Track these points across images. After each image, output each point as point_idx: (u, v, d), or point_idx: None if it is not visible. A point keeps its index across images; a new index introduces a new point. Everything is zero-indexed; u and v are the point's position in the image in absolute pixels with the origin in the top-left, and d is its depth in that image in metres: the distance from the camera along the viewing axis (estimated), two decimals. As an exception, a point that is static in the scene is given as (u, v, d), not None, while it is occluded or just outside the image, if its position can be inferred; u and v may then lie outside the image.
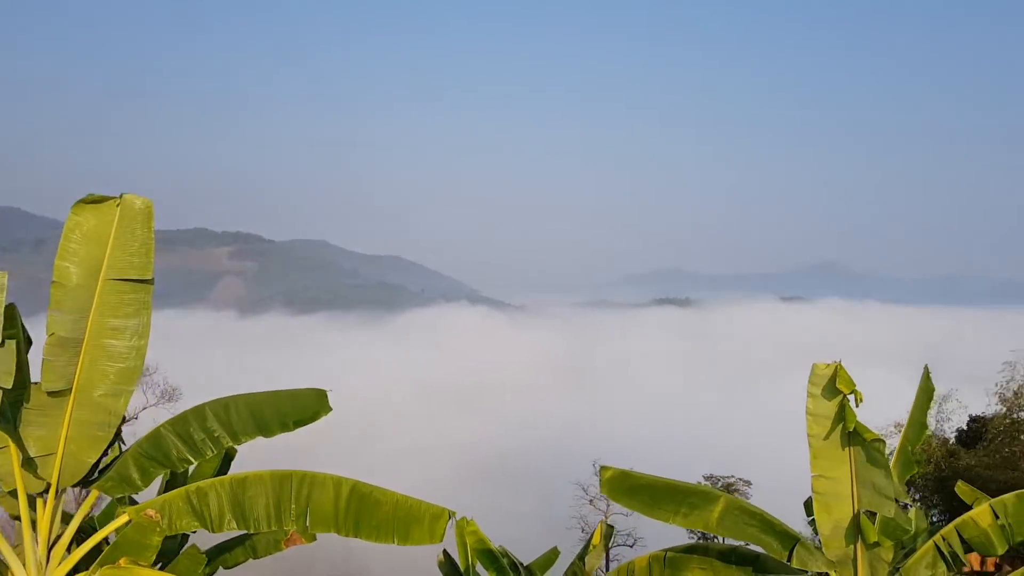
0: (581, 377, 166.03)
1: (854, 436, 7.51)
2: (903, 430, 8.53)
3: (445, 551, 13.28)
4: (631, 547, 33.02)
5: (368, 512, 6.40)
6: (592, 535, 11.71)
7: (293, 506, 6.36)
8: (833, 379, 7.44)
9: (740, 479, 35.42)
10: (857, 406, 7.45)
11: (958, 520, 7.89)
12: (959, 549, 7.71)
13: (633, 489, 7.81)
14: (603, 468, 7.79)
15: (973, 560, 15.99)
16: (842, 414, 7.46)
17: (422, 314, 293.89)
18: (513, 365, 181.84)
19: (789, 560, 7.61)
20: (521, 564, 12.69)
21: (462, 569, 13.09)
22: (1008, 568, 16.80)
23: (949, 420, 28.31)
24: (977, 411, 27.65)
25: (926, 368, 8.86)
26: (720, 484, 34.04)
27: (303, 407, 6.91)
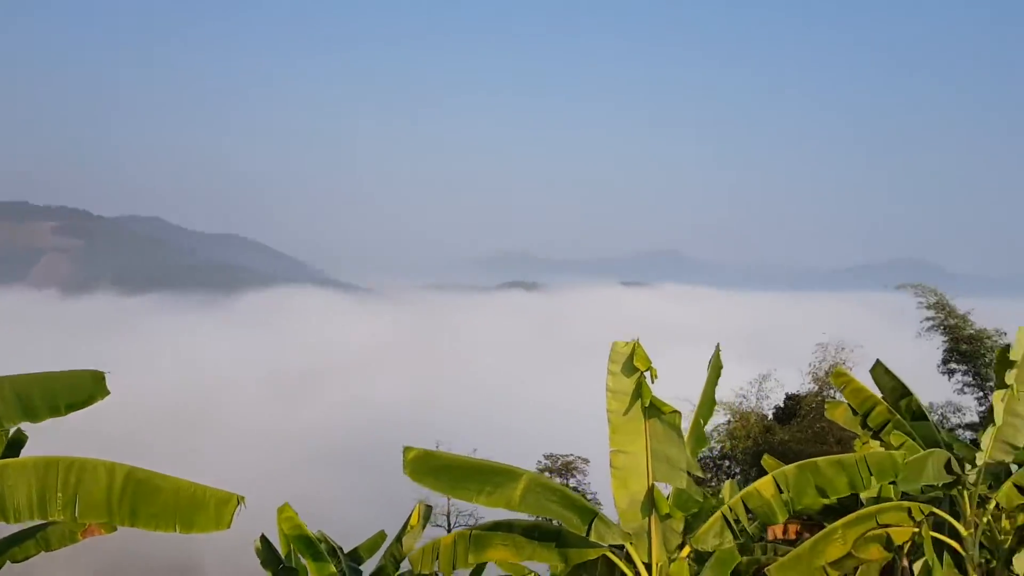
0: (427, 360, 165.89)
1: (650, 411, 7.80)
2: (696, 407, 8.93)
3: (264, 537, 12.87)
4: (447, 529, 33.22)
5: (146, 499, 6.05)
6: (410, 516, 11.63)
7: (59, 495, 5.91)
8: (631, 357, 7.68)
9: (579, 457, 36.38)
10: (653, 382, 7.73)
11: (744, 491, 8.37)
12: (744, 518, 8.18)
13: (436, 470, 7.81)
14: (406, 449, 7.73)
15: (777, 530, 17.03)
16: (639, 391, 7.73)
17: (265, 296, 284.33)
18: (359, 348, 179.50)
19: (588, 534, 7.82)
20: (340, 549, 12.45)
21: (282, 555, 12.73)
22: (807, 535, 18.09)
23: (768, 398, 30.05)
24: (792, 389, 29.49)
25: (717, 347, 9.33)
26: (559, 463, 34.83)
27: (76, 390, 6.44)
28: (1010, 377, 9.79)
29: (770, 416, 29.30)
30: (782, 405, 29.52)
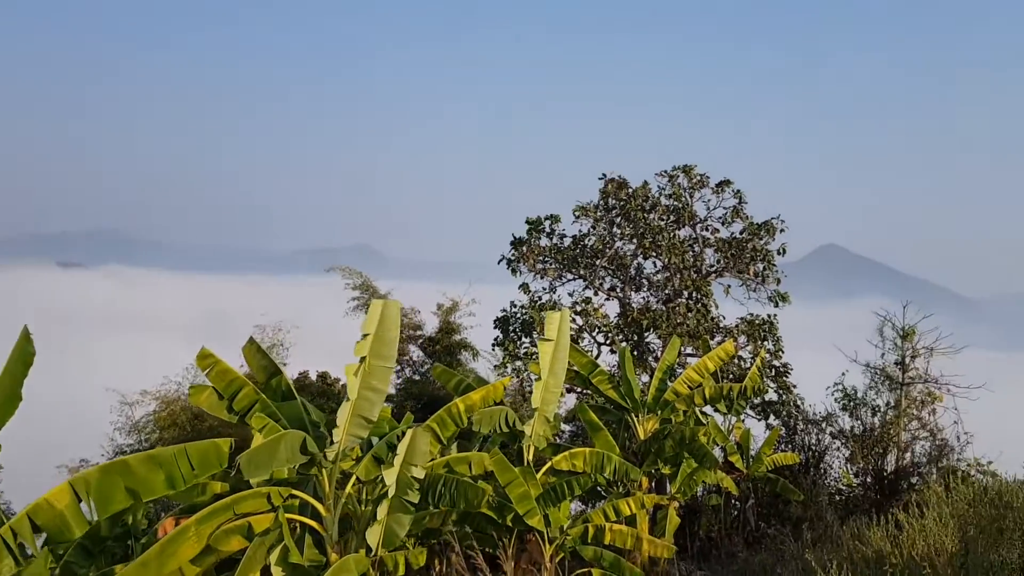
0: None
1: None
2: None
3: None
4: None
5: None
6: None
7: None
8: None
9: None
10: None
11: (31, 504, 6.69)
12: (29, 538, 6.49)
13: None
14: None
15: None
16: None
17: None
18: None
19: None
20: None
21: None
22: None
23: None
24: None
25: (25, 329, 7.48)
26: None
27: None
28: (362, 349, 9.73)
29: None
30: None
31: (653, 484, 17.20)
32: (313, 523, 10.18)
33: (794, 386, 22.58)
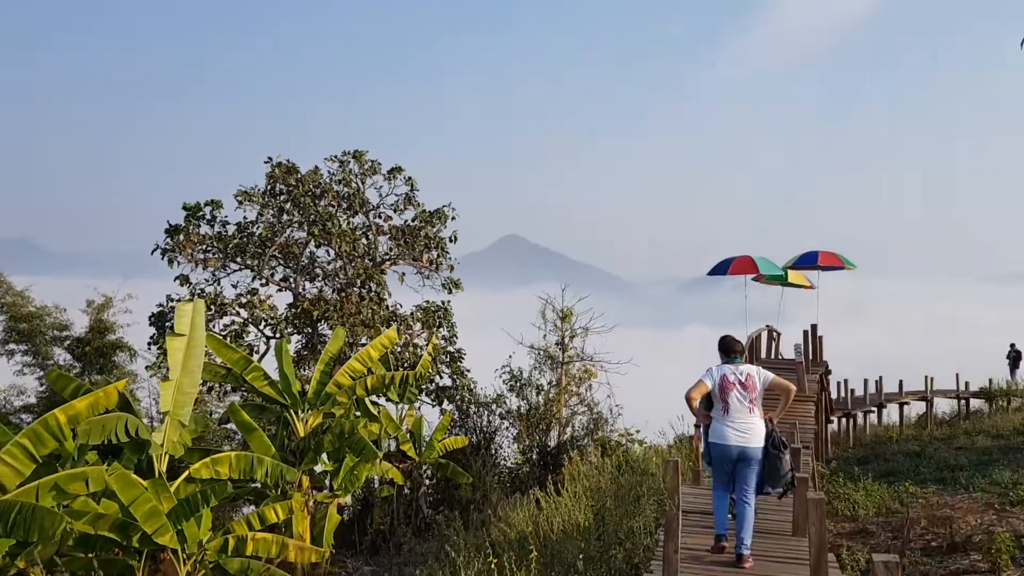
0: None
1: None
2: None
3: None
4: None
5: None
6: None
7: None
8: None
9: None
10: None
11: None
12: None
13: None
14: None
15: None
16: None
17: None
18: None
19: None
20: None
21: None
22: None
23: None
24: None
25: None
26: None
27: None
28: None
29: None
30: None
31: (328, 482, 16.48)
32: None
33: (468, 371, 23.03)
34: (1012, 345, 33.29)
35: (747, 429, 8.01)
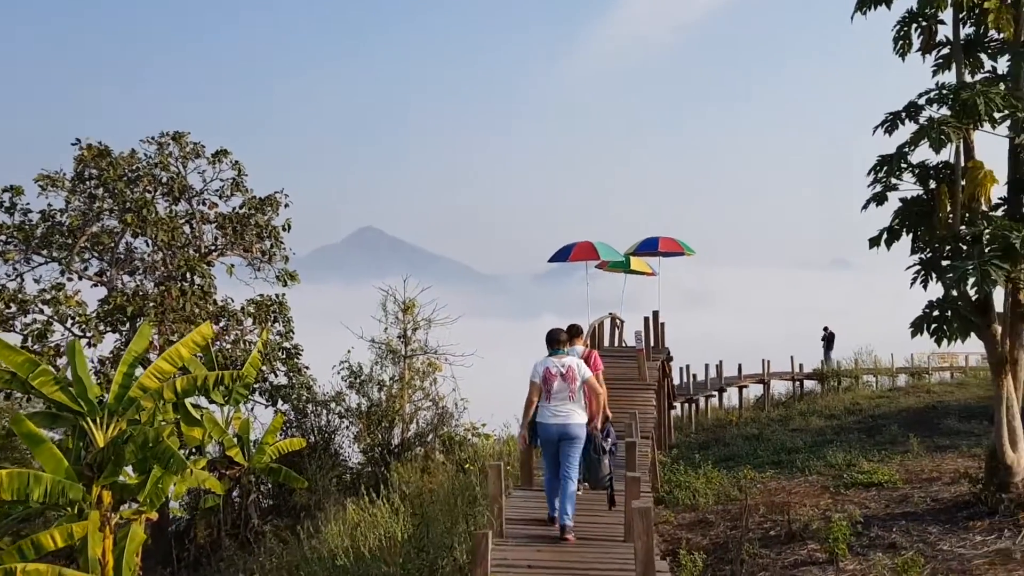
0: None
1: None
2: None
3: None
4: None
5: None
6: None
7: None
8: None
9: None
10: None
11: None
12: None
13: None
14: None
15: None
16: None
17: None
18: None
19: None
20: None
21: None
22: None
23: None
24: None
25: None
26: None
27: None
28: None
29: None
30: None
31: (151, 497, 14.83)
32: None
33: (306, 368, 21.73)
34: (825, 328, 34.70)
35: (566, 412, 8.35)
